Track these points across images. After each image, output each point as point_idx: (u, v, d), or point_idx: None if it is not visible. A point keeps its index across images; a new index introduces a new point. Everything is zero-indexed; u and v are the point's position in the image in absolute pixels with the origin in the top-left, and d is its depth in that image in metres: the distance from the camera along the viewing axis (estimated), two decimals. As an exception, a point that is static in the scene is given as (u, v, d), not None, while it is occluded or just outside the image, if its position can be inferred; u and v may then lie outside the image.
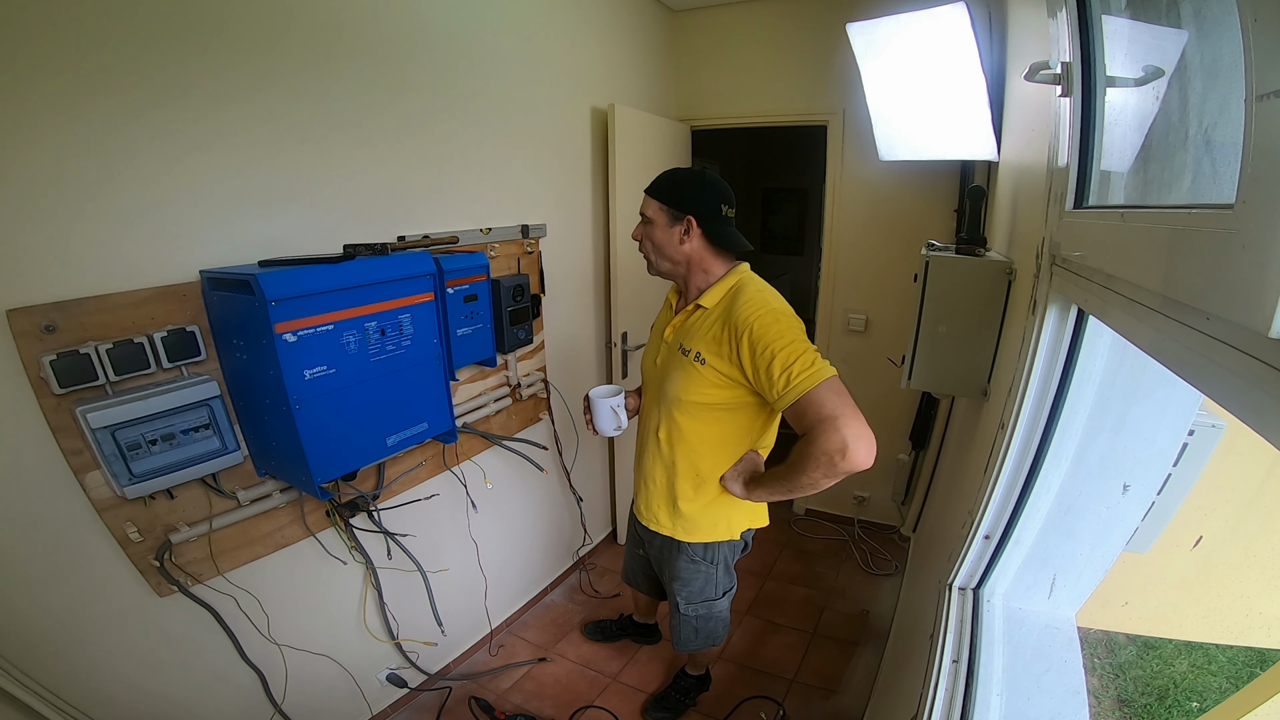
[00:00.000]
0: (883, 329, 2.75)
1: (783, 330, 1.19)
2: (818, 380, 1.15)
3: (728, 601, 1.61)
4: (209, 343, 1.24)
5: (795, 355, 1.16)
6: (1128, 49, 0.84)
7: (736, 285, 1.32)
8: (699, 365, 1.30)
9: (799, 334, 1.21)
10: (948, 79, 1.81)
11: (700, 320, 1.32)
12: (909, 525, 2.78)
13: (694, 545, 1.48)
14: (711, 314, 1.31)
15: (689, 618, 1.60)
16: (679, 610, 1.60)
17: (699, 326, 1.32)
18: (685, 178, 1.32)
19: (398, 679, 1.85)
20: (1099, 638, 1.28)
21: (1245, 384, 0.43)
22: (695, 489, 1.42)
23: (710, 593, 1.55)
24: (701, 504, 1.43)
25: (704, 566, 1.52)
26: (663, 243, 1.34)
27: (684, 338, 1.35)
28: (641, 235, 1.38)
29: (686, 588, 1.55)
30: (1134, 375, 0.90)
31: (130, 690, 1.25)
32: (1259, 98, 0.40)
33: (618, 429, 1.52)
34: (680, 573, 1.53)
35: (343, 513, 1.57)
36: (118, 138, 1.07)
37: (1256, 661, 1.11)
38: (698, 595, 1.55)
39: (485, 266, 1.67)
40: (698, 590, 1.55)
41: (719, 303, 1.31)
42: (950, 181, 2.41)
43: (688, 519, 1.45)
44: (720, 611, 1.61)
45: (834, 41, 2.34)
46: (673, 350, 1.38)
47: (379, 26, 1.50)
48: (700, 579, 1.53)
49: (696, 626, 1.61)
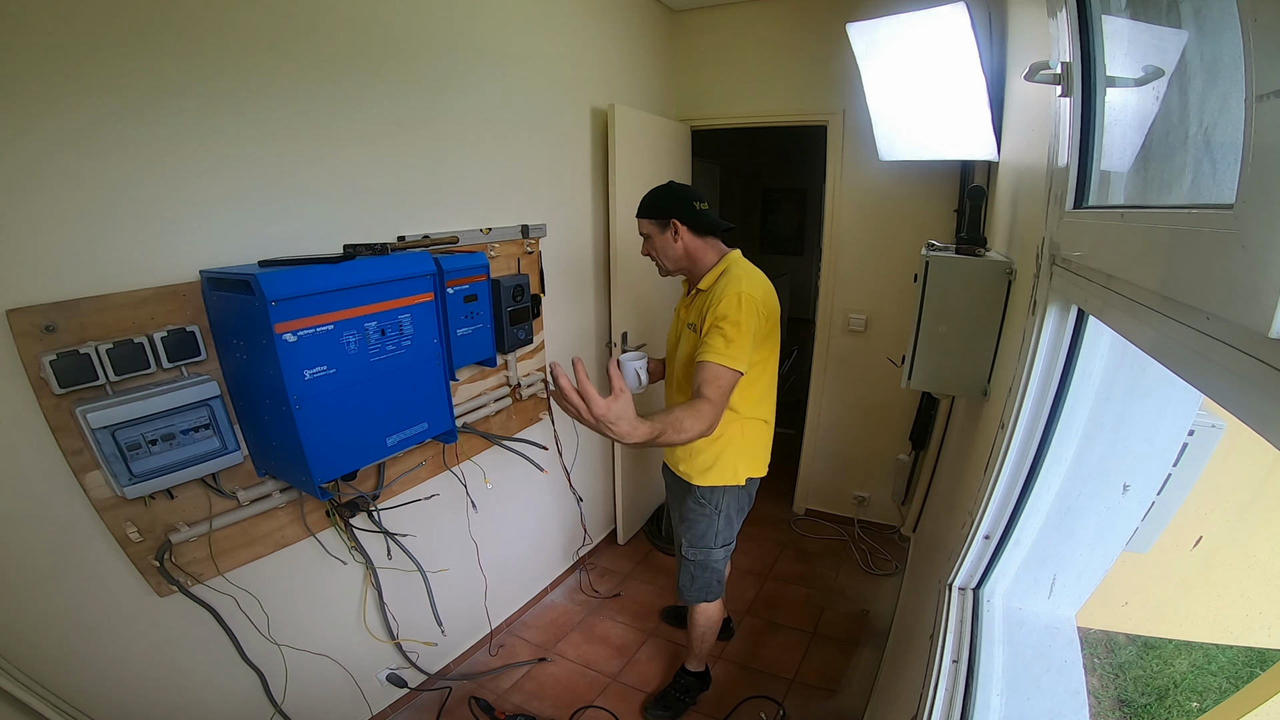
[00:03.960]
0: (883, 329, 2.75)
1: (733, 312, 1.42)
2: (712, 357, 1.39)
3: (723, 555, 1.75)
4: (209, 343, 1.23)
5: (721, 334, 1.40)
6: (1128, 49, 0.84)
7: (725, 269, 1.55)
8: (694, 334, 1.56)
9: (745, 320, 1.42)
10: (948, 79, 1.81)
11: (700, 299, 1.57)
12: (909, 525, 2.78)
13: (703, 489, 1.67)
14: (708, 294, 1.54)
15: (689, 562, 1.76)
16: (683, 554, 1.77)
17: (697, 303, 1.57)
18: (660, 193, 1.59)
19: (398, 679, 1.85)
20: (1099, 638, 1.27)
21: (1245, 384, 0.43)
22: (708, 440, 1.59)
23: (710, 540, 1.72)
24: (713, 452, 1.64)
25: (709, 510, 1.69)
26: (663, 249, 1.61)
27: (690, 316, 1.62)
28: (647, 250, 1.65)
29: (691, 530, 1.72)
30: (1134, 375, 0.89)
31: (130, 690, 1.25)
32: (1259, 98, 0.40)
33: (638, 387, 1.70)
34: (688, 514, 1.72)
35: (343, 513, 1.57)
36: (117, 138, 1.07)
37: (1256, 661, 1.11)
38: (699, 539, 1.72)
39: (485, 266, 1.67)
40: (699, 534, 1.72)
41: (713, 285, 1.54)
42: (950, 181, 2.42)
43: (700, 464, 1.65)
44: (715, 561, 1.75)
45: (834, 41, 2.34)
46: (682, 326, 1.66)
47: (379, 26, 1.50)
48: (704, 523, 1.70)
49: (694, 574, 1.77)
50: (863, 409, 2.90)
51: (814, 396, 2.99)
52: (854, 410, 2.92)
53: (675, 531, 1.84)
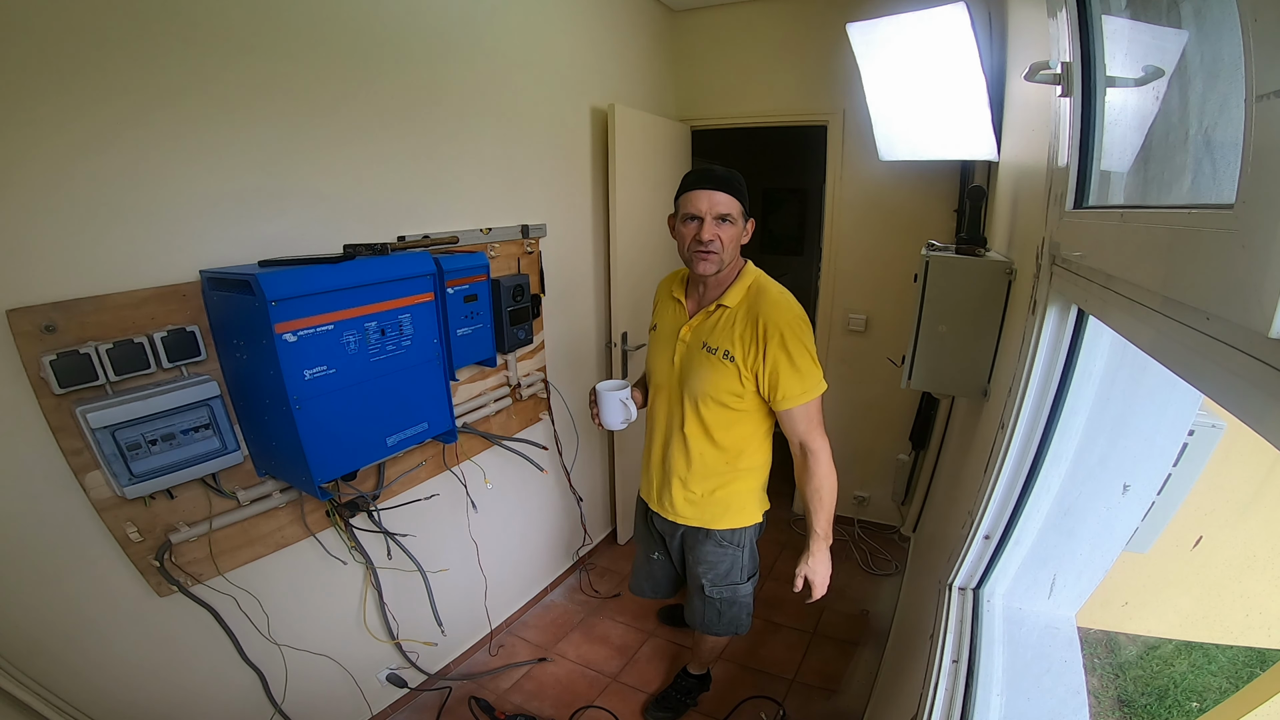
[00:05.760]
0: (883, 329, 2.74)
1: (799, 338, 1.31)
2: (806, 397, 1.33)
3: (751, 587, 1.63)
4: (209, 343, 1.23)
5: (794, 370, 1.30)
6: (1128, 49, 0.84)
7: (754, 285, 1.38)
8: (728, 363, 1.35)
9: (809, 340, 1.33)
10: (948, 79, 1.81)
11: (722, 319, 1.38)
12: (909, 525, 2.78)
13: (723, 531, 1.53)
14: (734, 312, 1.36)
15: (714, 600, 1.62)
16: (704, 593, 1.62)
17: (722, 324, 1.37)
18: (742, 179, 1.34)
19: (398, 679, 1.85)
20: (1099, 638, 1.27)
21: (1245, 384, 0.43)
22: (727, 479, 1.49)
23: (735, 576, 1.59)
24: (726, 490, 1.50)
25: (731, 550, 1.56)
26: (735, 243, 1.34)
27: (707, 336, 1.39)
28: (714, 234, 1.30)
29: (713, 570, 1.58)
30: (1134, 375, 0.90)
31: (130, 690, 1.25)
32: (1259, 98, 0.40)
33: (625, 421, 1.54)
34: (707, 556, 1.57)
35: (343, 513, 1.57)
36: (117, 138, 1.07)
37: (1256, 661, 1.11)
38: (723, 579, 1.58)
39: (485, 266, 1.67)
40: (723, 573, 1.58)
41: (740, 301, 1.37)
42: (950, 181, 2.41)
43: (719, 505, 1.51)
44: (744, 596, 1.63)
45: (834, 41, 2.33)
46: (694, 349, 1.42)
47: (379, 26, 1.50)
48: (727, 562, 1.57)
49: (720, 610, 1.63)
50: (863, 409, 2.89)
51: (814, 396, 2.98)
52: (854, 410, 2.92)
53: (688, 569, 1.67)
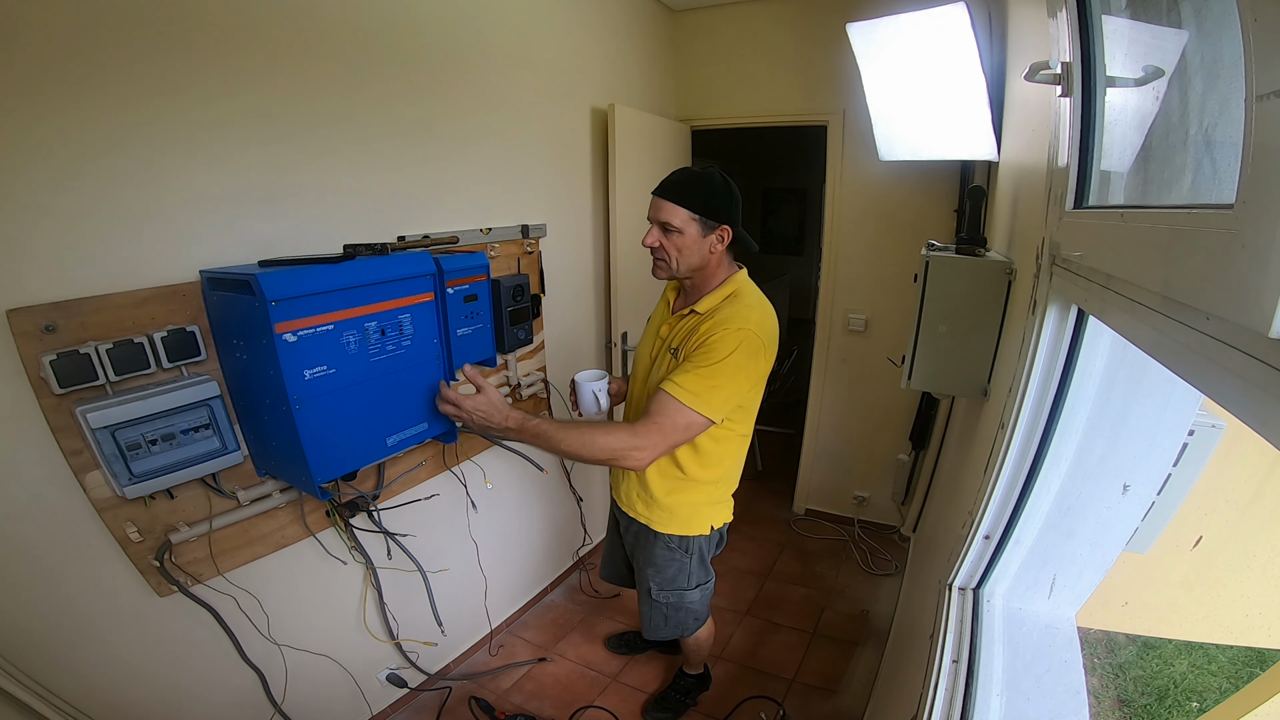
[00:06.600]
0: (883, 329, 2.75)
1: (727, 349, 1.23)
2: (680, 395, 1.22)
3: (700, 595, 1.61)
4: (209, 343, 1.23)
5: (708, 373, 1.23)
6: (1128, 49, 0.84)
7: (734, 294, 1.35)
8: (675, 360, 1.34)
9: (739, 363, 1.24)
10: (948, 79, 1.81)
11: (689, 322, 1.37)
12: (909, 525, 2.78)
13: (671, 536, 1.52)
14: (703, 318, 1.34)
15: (660, 604, 1.61)
16: (650, 596, 1.60)
17: (686, 326, 1.37)
18: (717, 188, 1.29)
19: (398, 679, 1.85)
20: (1099, 638, 1.28)
21: (1245, 384, 0.43)
22: (673, 481, 1.46)
23: (683, 582, 1.57)
24: (679, 497, 1.47)
25: (679, 555, 1.54)
26: (687, 249, 1.31)
27: (674, 338, 1.39)
28: (657, 241, 1.31)
29: (660, 574, 1.57)
30: (1134, 375, 0.90)
31: (130, 690, 1.25)
32: (1259, 98, 0.40)
33: (598, 412, 1.55)
34: (655, 559, 1.55)
35: (343, 513, 1.57)
36: (117, 138, 1.07)
37: (1256, 661, 1.11)
38: (670, 583, 1.57)
39: (485, 266, 1.66)
40: (670, 578, 1.57)
41: (712, 309, 1.34)
42: (950, 181, 2.41)
43: (664, 509, 1.49)
44: (691, 603, 1.61)
45: (834, 41, 2.33)
46: (664, 349, 1.42)
47: (378, 26, 1.50)
48: (674, 567, 1.55)
49: (666, 614, 1.62)
50: (863, 409, 2.90)
51: (814, 396, 2.99)
52: (854, 410, 2.92)
53: (635, 567, 1.66)
